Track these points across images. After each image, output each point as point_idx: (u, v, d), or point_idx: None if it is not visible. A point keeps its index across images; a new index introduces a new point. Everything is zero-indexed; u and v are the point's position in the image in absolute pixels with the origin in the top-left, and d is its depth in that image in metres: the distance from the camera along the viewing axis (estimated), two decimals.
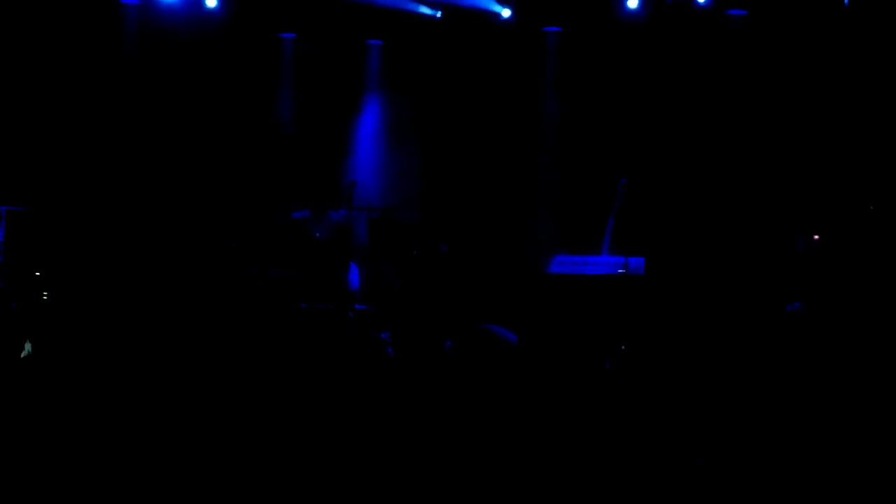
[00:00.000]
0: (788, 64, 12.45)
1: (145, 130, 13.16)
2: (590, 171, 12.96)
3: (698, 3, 12.81)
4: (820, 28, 12.24)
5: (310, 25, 13.81)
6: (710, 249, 11.77)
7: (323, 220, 11.46)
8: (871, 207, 11.15)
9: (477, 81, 13.72)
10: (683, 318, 10.87)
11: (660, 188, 10.33)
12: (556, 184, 13.48)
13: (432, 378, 9.44)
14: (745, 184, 12.33)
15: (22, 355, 9.40)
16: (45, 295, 11.54)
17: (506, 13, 13.50)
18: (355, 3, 13.34)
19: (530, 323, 11.45)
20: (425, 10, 13.60)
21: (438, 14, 13.61)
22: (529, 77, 13.68)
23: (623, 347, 9.96)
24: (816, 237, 11.22)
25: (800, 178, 12.05)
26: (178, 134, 13.25)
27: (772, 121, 12.44)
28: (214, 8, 13.39)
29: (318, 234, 11.46)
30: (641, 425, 7.83)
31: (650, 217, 10.24)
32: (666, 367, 9.81)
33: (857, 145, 11.88)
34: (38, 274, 11.64)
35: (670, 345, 10.42)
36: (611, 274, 10.10)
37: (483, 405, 8.73)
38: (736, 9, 12.76)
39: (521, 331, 11.60)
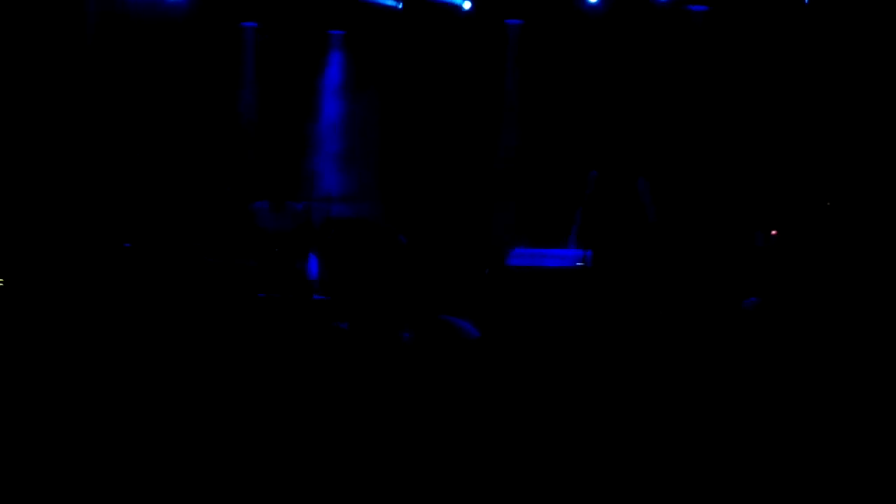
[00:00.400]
0: (748, 59, 12.51)
1: (105, 119, 13.09)
2: (552, 163, 12.99)
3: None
4: (780, 22, 12.30)
5: (272, 15, 13.78)
6: (664, 243, 11.81)
7: (282, 210, 11.42)
8: (829, 203, 11.22)
9: (439, 72, 13.73)
10: (633, 312, 10.91)
11: (623, 182, 10.35)
12: (518, 176, 13.51)
13: (390, 369, 9.43)
14: (704, 178, 12.38)
15: None
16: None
17: (466, 5, 13.51)
18: None
19: (488, 315, 11.46)
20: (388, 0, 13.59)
21: (400, 5, 13.59)
22: (491, 69, 13.69)
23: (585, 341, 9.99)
24: (774, 232, 11.28)
25: (758, 173, 12.11)
26: (139, 123, 13.19)
27: (731, 115, 12.49)
28: None
29: (276, 225, 11.42)
30: (598, 418, 7.85)
31: (610, 210, 10.27)
32: (621, 362, 9.83)
33: (816, 140, 11.96)
34: None
35: (622, 340, 10.45)
36: (569, 267, 10.10)
37: (440, 396, 8.73)
38: (697, 4, 12.80)
39: (479, 323, 11.62)
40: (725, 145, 12.41)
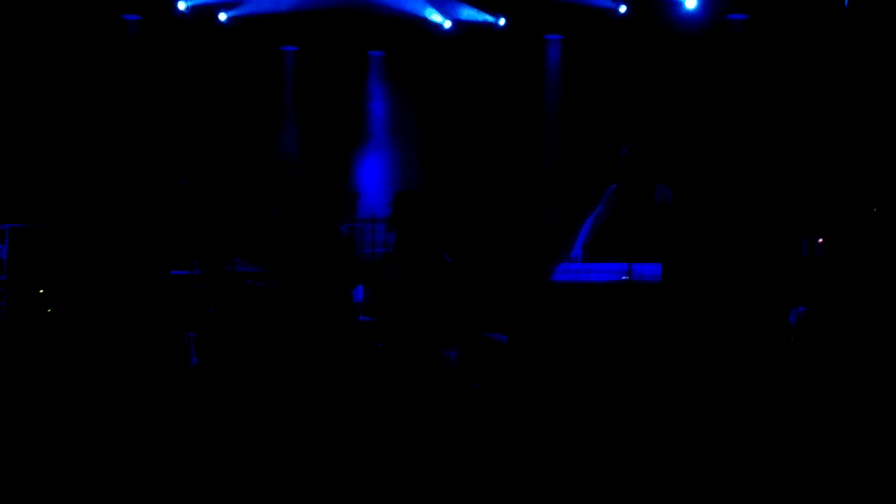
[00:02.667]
0: (790, 67, 12.43)
1: (149, 145, 13.19)
2: (593, 175, 12.94)
3: (688, 10, 12.80)
4: (821, 31, 12.22)
5: (312, 38, 13.86)
6: (718, 255, 11.76)
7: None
8: (875, 210, 11.13)
9: (479, 89, 13.75)
10: (694, 324, 10.85)
11: (663, 193, 10.28)
12: (560, 189, 13.48)
13: (434, 387, 9.43)
14: (749, 188, 12.30)
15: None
16: (48, 311, 11.55)
17: (501, 22, 13.52)
18: (356, 15, 13.39)
19: (535, 331, 11.44)
20: (436, 19, 13.59)
21: (448, 25, 13.62)
22: (531, 84, 13.70)
23: (636, 357, 9.94)
24: (821, 240, 11.20)
25: (803, 182, 12.02)
26: (182, 148, 13.28)
27: (774, 125, 12.41)
28: (224, 21, 13.48)
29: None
30: (651, 430, 7.81)
31: (650, 223, 10.20)
32: (675, 371, 9.79)
33: (860, 148, 11.85)
34: (41, 291, 11.65)
35: (680, 350, 10.40)
36: (614, 281, 10.06)
37: (487, 412, 8.71)
38: (735, 13, 12.74)
39: (526, 339, 11.59)
40: (770, 154, 12.33)
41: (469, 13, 13.52)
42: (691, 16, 12.88)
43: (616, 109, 13.09)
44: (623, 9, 13.02)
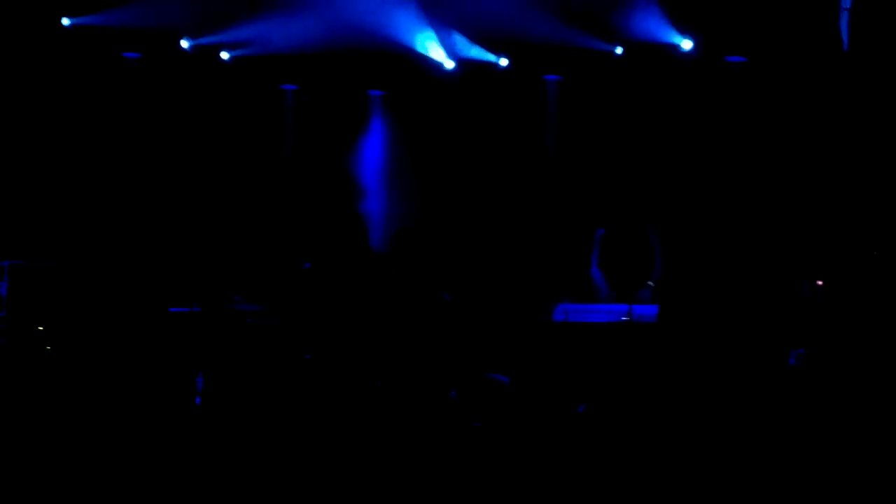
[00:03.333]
0: (789, 110, 12.48)
1: (150, 182, 13.20)
2: (590, 218, 12.95)
3: (683, 50, 12.87)
4: (820, 73, 12.27)
5: (312, 77, 13.91)
6: (718, 296, 11.77)
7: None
8: (875, 252, 11.15)
9: (478, 129, 13.78)
10: (691, 365, 10.85)
11: (648, 235, 10.32)
12: (557, 232, 13.50)
13: (438, 428, 9.40)
14: (747, 230, 12.33)
15: None
16: (48, 348, 11.53)
17: (503, 62, 13.57)
18: (356, 55, 13.44)
19: (538, 371, 11.43)
20: (438, 57, 13.63)
21: (450, 65, 13.67)
22: (531, 124, 13.74)
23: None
24: (820, 282, 11.21)
25: (803, 223, 12.05)
26: (183, 185, 13.30)
27: (773, 166, 12.45)
28: (226, 60, 13.53)
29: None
30: (649, 470, 7.81)
31: (642, 263, 10.24)
32: (671, 411, 9.78)
33: (860, 191, 11.89)
34: (41, 328, 11.63)
35: (677, 391, 10.40)
36: (615, 321, 10.09)
37: (489, 453, 8.70)
38: (733, 55, 12.79)
39: (527, 379, 11.57)
40: (768, 195, 12.36)
41: (473, 52, 13.58)
42: (688, 58, 12.95)
43: (614, 149, 13.13)
44: (619, 50, 13.08)
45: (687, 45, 12.88)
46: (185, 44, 13.32)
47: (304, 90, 14.07)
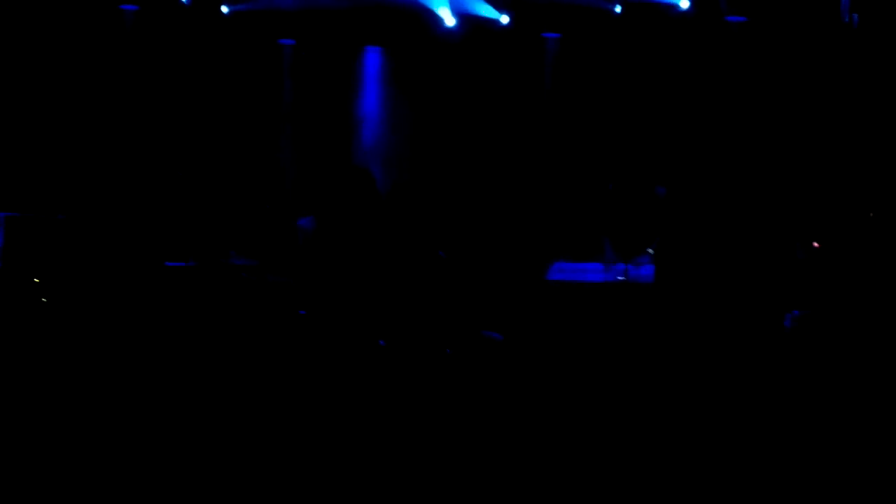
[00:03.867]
0: (786, 69, 12.44)
1: (146, 136, 13.16)
2: (587, 176, 12.95)
3: (681, 9, 12.83)
4: (818, 33, 12.23)
5: (309, 32, 13.85)
6: (711, 256, 11.76)
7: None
8: (871, 214, 11.15)
9: (477, 85, 13.75)
10: (687, 325, 10.86)
11: (655, 194, 10.31)
12: (554, 190, 13.50)
13: (434, 385, 9.42)
14: (744, 190, 12.31)
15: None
16: (43, 300, 11.52)
17: (504, 19, 13.51)
18: (355, 9, 13.40)
19: (529, 330, 11.44)
20: (443, 13, 13.55)
21: (451, 21, 13.60)
22: (530, 82, 13.70)
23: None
24: (816, 244, 11.22)
25: (799, 185, 12.04)
26: (179, 140, 13.27)
27: (772, 127, 12.43)
28: (226, 14, 13.47)
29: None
30: (645, 431, 7.82)
31: (645, 223, 10.23)
32: (665, 372, 9.80)
33: (857, 151, 11.88)
34: (36, 280, 11.63)
35: (670, 352, 10.41)
36: (610, 281, 10.10)
37: (485, 412, 8.72)
38: (733, 15, 12.74)
39: (522, 337, 11.59)
40: (765, 156, 12.34)
41: (477, 7, 13.50)
42: (687, 17, 12.90)
43: (613, 108, 13.11)
44: (619, 8, 13.02)
45: (685, 3, 12.84)
46: None
47: (302, 45, 14.01)
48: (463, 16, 13.65)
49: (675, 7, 12.86)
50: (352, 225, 8.95)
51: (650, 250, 9.94)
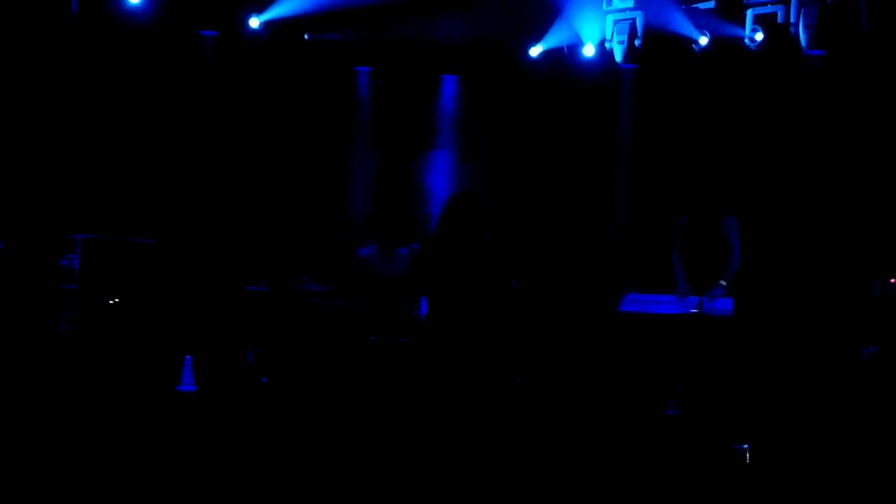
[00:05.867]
0: (865, 103, 12.30)
1: (222, 162, 13.26)
2: (661, 207, 12.85)
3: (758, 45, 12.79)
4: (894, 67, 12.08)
5: (386, 59, 13.92)
6: (793, 293, 11.66)
7: (390, 255, 11.47)
8: None
9: (552, 117, 13.74)
10: (767, 360, 10.78)
11: (729, 226, 10.19)
12: (627, 220, 13.43)
13: (505, 411, 9.39)
14: (821, 226, 12.19)
15: None
16: (118, 322, 11.67)
17: (589, 51, 13.47)
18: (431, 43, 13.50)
19: (602, 361, 11.40)
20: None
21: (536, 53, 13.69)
22: (604, 111, 13.66)
23: (680, 388, 9.90)
24: (893, 280, 11.09)
25: (877, 221, 11.89)
26: (254, 166, 13.35)
27: (848, 162, 12.28)
28: (306, 40, 13.59)
29: (387, 269, 11.46)
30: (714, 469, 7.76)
31: (718, 256, 10.12)
32: (741, 407, 9.72)
33: None
34: (113, 301, 11.75)
35: (748, 385, 10.34)
36: (685, 313, 10.00)
37: (551, 441, 8.69)
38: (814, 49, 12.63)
39: (592, 368, 11.55)
40: (843, 192, 12.20)
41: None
42: (763, 51, 12.82)
43: (688, 138, 13.03)
44: (704, 41, 12.93)
45: (759, 37, 12.76)
46: (255, 22, 13.30)
47: (378, 72, 14.09)
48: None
49: (753, 41, 12.79)
50: (462, 250, 8.89)
51: (723, 282, 9.85)
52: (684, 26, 12.99)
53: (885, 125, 12.03)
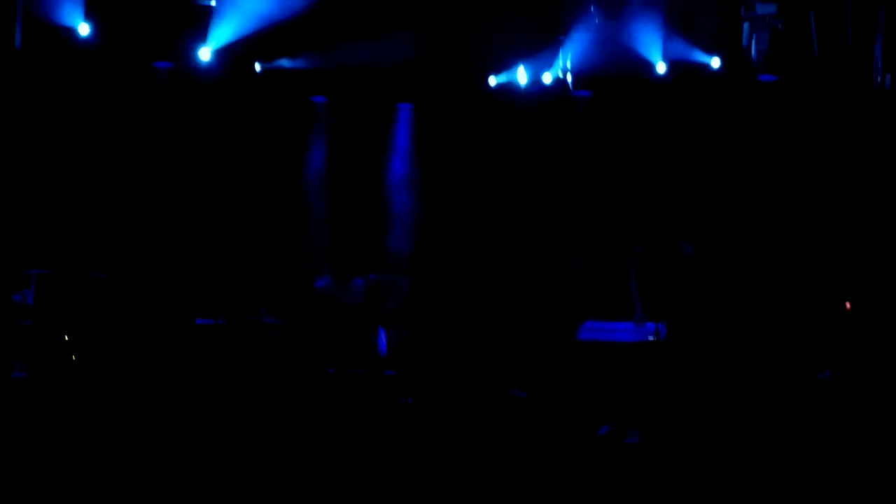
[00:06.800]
0: (818, 128, 12.39)
1: (171, 190, 13.19)
2: (616, 237, 12.87)
3: (713, 69, 12.86)
4: (850, 93, 12.17)
5: (341, 89, 13.88)
6: (736, 317, 11.68)
7: (347, 287, 11.44)
8: None
9: (507, 146, 13.74)
10: (708, 385, 10.78)
11: (681, 254, 10.24)
12: (580, 250, 13.43)
13: (470, 443, 9.38)
14: (775, 252, 12.25)
15: None
16: (73, 358, 11.56)
17: (547, 79, 13.50)
18: (386, 70, 13.46)
19: (559, 389, 11.38)
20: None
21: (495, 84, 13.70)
22: (559, 141, 13.67)
23: (640, 419, 9.91)
24: (848, 305, 11.14)
25: (830, 246, 11.96)
26: (209, 198, 13.29)
27: (801, 186, 12.36)
28: (259, 73, 13.57)
29: (343, 299, 11.43)
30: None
31: (673, 283, 10.16)
32: (691, 432, 9.73)
33: (889, 214, 11.79)
34: (66, 338, 11.66)
35: (696, 410, 10.34)
36: (641, 341, 10.02)
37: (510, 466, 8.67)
38: (766, 74, 12.71)
39: (550, 396, 11.53)
40: (797, 216, 12.27)
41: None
42: (719, 77, 12.90)
43: (643, 166, 13.07)
44: (661, 69, 12.97)
45: (716, 63, 12.85)
46: (205, 53, 13.24)
47: (333, 102, 14.03)
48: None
49: (708, 67, 12.87)
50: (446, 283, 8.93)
51: None
52: (640, 51, 13.05)
53: (837, 149, 12.12)
